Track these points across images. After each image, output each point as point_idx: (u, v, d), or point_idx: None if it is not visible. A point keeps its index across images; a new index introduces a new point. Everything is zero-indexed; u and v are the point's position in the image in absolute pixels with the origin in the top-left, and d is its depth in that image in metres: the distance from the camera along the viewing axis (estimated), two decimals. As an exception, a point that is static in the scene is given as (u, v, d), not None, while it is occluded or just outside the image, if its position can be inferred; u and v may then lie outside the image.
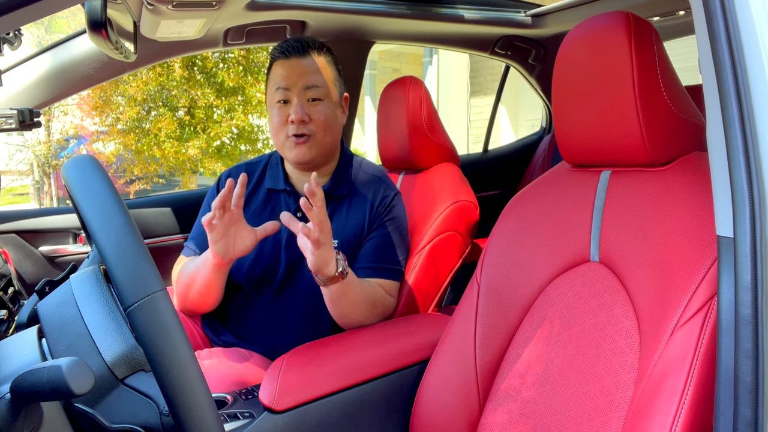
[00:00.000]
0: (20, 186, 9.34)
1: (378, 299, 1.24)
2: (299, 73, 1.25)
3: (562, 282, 0.96)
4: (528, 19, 2.13)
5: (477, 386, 1.00)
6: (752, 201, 0.62)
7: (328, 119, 1.28)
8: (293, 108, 1.24)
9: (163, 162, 6.08)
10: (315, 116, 1.26)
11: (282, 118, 1.26)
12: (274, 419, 0.97)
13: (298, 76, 1.24)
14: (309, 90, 1.25)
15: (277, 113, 1.26)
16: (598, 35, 0.88)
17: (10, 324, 1.02)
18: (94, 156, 0.86)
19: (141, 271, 0.60)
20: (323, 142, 1.28)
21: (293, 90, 1.25)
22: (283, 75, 1.25)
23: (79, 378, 0.50)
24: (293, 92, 1.25)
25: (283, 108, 1.26)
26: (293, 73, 1.25)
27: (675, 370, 0.72)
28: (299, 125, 1.24)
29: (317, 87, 1.26)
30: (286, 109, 1.25)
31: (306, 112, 1.25)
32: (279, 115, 1.26)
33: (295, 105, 1.24)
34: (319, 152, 1.28)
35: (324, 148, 1.29)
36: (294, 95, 1.25)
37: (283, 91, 1.25)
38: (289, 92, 1.25)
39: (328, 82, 1.28)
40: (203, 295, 1.23)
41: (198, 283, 1.21)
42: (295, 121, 1.24)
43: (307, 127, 1.25)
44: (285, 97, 1.25)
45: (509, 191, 2.63)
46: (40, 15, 0.70)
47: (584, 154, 0.96)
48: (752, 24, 0.63)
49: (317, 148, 1.27)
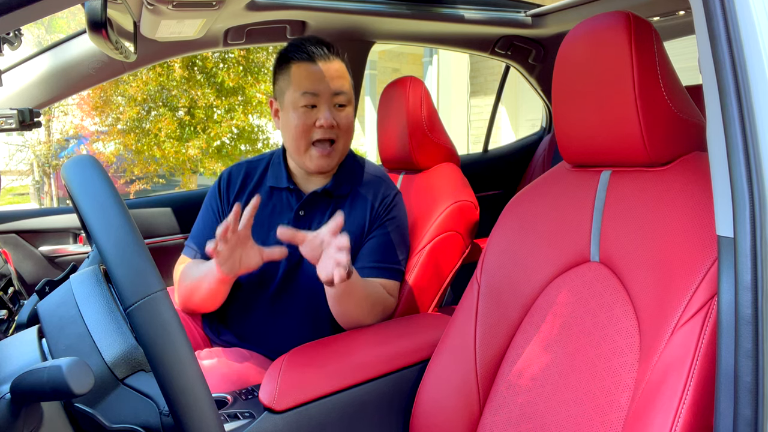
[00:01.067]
0: (20, 186, 9.34)
1: (379, 299, 1.24)
2: (329, 78, 1.23)
3: (562, 282, 0.96)
4: (528, 19, 2.13)
5: (477, 386, 1.00)
6: (752, 201, 0.62)
7: (351, 124, 1.29)
8: (322, 113, 1.23)
9: (163, 162, 6.08)
10: (342, 122, 1.26)
11: (308, 122, 1.24)
12: (274, 419, 0.97)
13: (329, 81, 1.23)
14: (337, 96, 1.25)
15: (301, 117, 1.24)
16: (598, 35, 0.88)
17: (10, 324, 1.02)
18: (94, 156, 0.86)
19: (141, 271, 0.60)
20: (345, 147, 1.29)
21: (322, 96, 1.23)
22: (311, 78, 1.23)
23: (79, 378, 0.50)
24: (322, 98, 1.23)
25: (309, 113, 1.24)
26: (322, 77, 1.23)
27: (675, 370, 0.72)
28: (328, 130, 1.24)
29: (344, 93, 1.26)
30: (312, 114, 1.24)
31: (334, 117, 1.24)
32: (303, 119, 1.24)
33: (324, 110, 1.23)
34: (339, 160, 1.30)
35: (344, 154, 1.30)
36: (323, 101, 1.24)
37: (311, 96, 1.23)
38: (317, 97, 1.23)
39: (351, 89, 1.29)
40: (207, 300, 1.24)
41: (202, 291, 1.21)
42: (324, 126, 1.23)
43: (333, 132, 1.25)
44: (312, 102, 1.24)
45: (509, 191, 2.63)
46: (40, 15, 0.70)
47: (584, 154, 0.96)
48: (752, 24, 0.63)
49: (338, 156, 1.29)
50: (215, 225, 1.36)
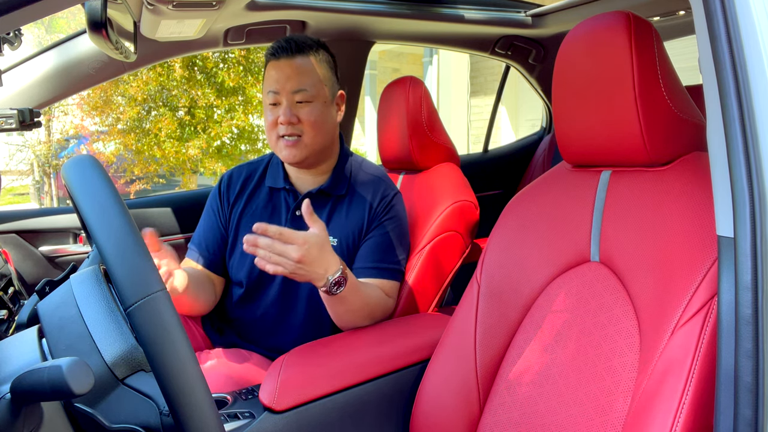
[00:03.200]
0: (20, 186, 9.33)
1: (378, 306, 1.24)
2: (287, 76, 1.25)
3: (562, 282, 0.96)
4: (528, 19, 2.13)
5: (477, 386, 1.00)
6: (752, 201, 0.62)
7: (317, 120, 1.28)
8: (282, 110, 1.25)
9: (163, 162, 6.07)
10: (304, 117, 1.26)
11: (272, 119, 1.27)
12: (274, 419, 0.97)
13: (286, 79, 1.25)
14: (296, 93, 1.25)
15: (269, 114, 1.28)
16: (598, 35, 0.88)
17: (10, 324, 1.02)
18: (94, 156, 0.86)
19: (141, 271, 0.60)
20: (313, 142, 1.28)
21: (282, 93, 1.25)
22: (273, 77, 1.26)
23: (79, 378, 0.50)
24: (282, 95, 1.26)
25: (274, 109, 1.27)
26: (282, 76, 1.25)
27: (675, 370, 0.72)
28: (288, 126, 1.25)
29: (304, 90, 1.26)
30: (277, 110, 1.27)
31: (294, 113, 1.25)
32: (270, 116, 1.28)
33: (284, 107, 1.25)
34: (309, 152, 1.28)
35: (314, 148, 1.29)
36: (283, 98, 1.26)
37: (273, 95, 1.26)
38: (278, 95, 1.26)
39: (318, 83, 1.28)
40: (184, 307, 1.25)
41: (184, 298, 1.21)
42: (283, 123, 1.25)
43: (297, 128, 1.26)
44: (275, 100, 1.27)
45: (509, 191, 2.63)
46: (40, 15, 0.70)
47: (584, 154, 0.96)
48: (752, 24, 0.63)
49: (308, 149, 1.28)
50: (216, 227, 1.36)
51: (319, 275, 1.06)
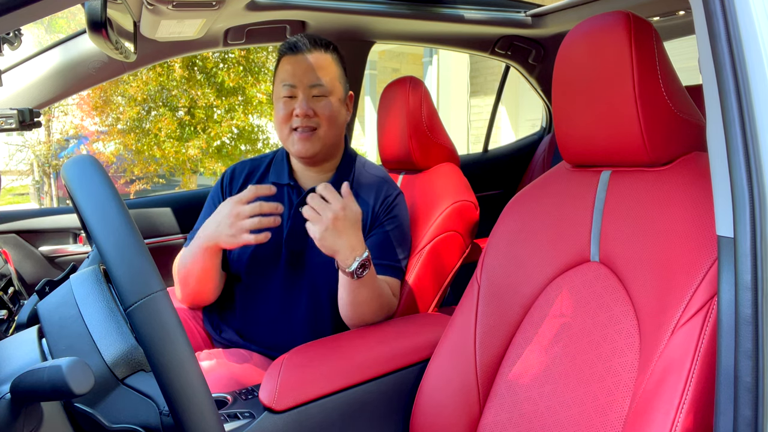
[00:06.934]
0: (20, 186, 9.33)
1: (385, 302, 1.25)
2: (304, 70, 1.27)
3: (562, 282, 0.96)
4: (528, 19, 2.13)
5: (477, 386, 1.00)
6: (752, 201, 0.62)
7: (332, 114, 1.30)
8: (298, 103, 1.27)
9: (163, 162, 6.07)
10: (320, 111, 1.28)
11: (287, 111, 1.28)
12: (274, 419, 0.97)
13: (303, 73, 1.27)
14: (314, 87, 1.27)
15: (282, 107, 1.29)
16: (598, 35, 0.88)
17: (10, 324, 1.02)
18: (94, 156, 0.86)
19: (141, 271, 0.60)
20: (327, 135, 1.29)
21: (299, 86, 1.27)
22: (290, 71, 1.28)
23: (79, 378, 0.50)
24: (299, 88, 1.27)
25: (288, 102, 1.28)
26: (299, 70, 1.27)
27: (675, 370, 0.72)
28: (304, 118, 1.27)
29: (321, 85, 1.28)
30: (291, 103, 1.28)
31: (311, 106, 1.27)
32: (284, 109, 1.28)
33: (300, 100, 1.27)
34: (322, 146, 1.30)
35: (327, 141, 1.30)
36: (299, 91, 1.27)
37: (288, 88, 1.27)
38: (295, 89, 1.27)
39: (334, 79, 1.30)
40: (201, 281, 1.26)
41: (195, 272, 1.23)
42: (299, 115, 1.26)
43: (313, 120, 1.27)
44: (291, 93, 1.28)
45: (509, 191, 2.63)
46: (40, 15, 0.70)
47: (584, 154, 0.96)
48: (752, 24, 0.63)
49: (321, 142, 1.29)
50: None
51: (347, 250, 1.10)
